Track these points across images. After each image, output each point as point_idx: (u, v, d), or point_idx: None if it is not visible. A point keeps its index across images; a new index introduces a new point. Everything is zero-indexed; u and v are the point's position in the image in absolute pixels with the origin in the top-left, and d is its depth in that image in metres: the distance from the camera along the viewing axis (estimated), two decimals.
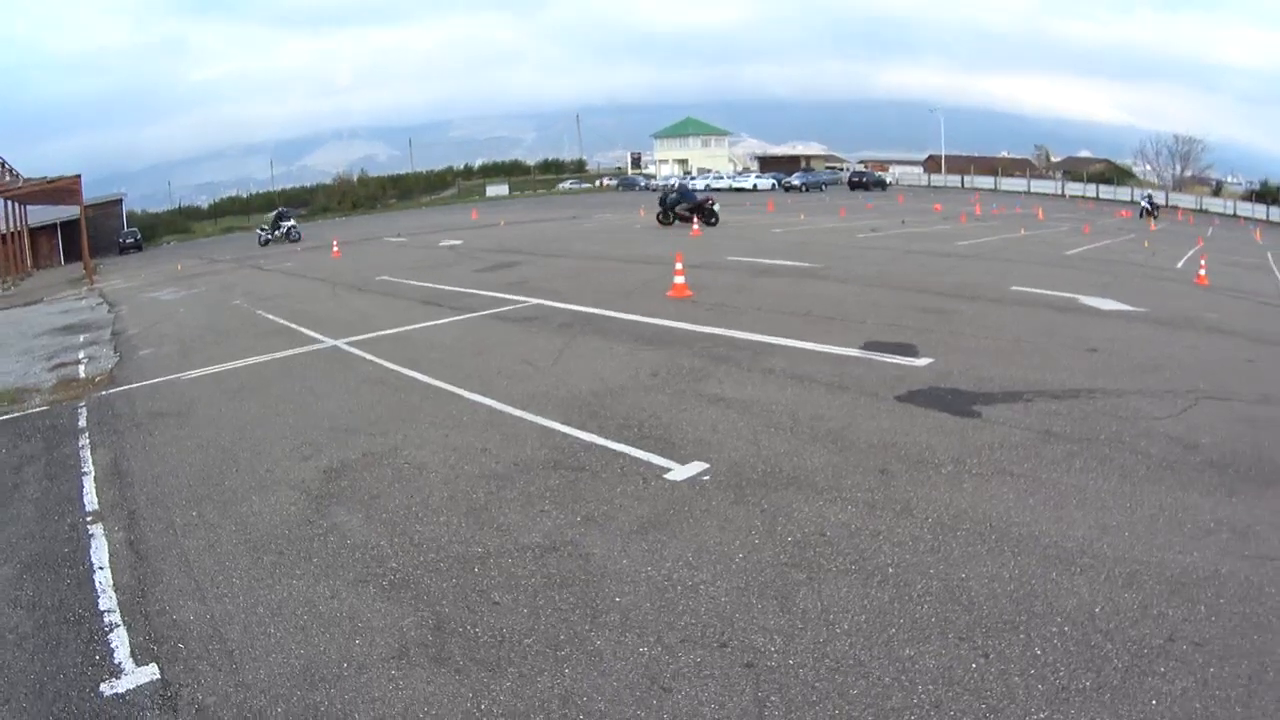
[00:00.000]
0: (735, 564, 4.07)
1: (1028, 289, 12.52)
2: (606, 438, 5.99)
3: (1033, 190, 67.99)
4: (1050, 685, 3.08)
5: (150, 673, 3.45)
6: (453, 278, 16.48)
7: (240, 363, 9.79)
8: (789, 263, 16.15)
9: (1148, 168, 74.62)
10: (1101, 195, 64.30)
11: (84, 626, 3.90)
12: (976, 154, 78.78)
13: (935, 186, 70.59)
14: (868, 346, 8.50)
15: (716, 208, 27.81)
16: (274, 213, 41.15)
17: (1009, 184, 68.79)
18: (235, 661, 3.48)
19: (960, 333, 9.27)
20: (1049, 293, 12.13)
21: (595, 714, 3.02)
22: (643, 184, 75.61)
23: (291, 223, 38.43)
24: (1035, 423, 6.01)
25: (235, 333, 12.23)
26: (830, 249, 19.51)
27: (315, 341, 10.70)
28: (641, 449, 5.72)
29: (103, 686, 3.39)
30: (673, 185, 29.97)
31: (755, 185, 65.81)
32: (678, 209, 27.58)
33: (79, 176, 36.08)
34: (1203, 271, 15.49)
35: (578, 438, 6.05)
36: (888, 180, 71.72)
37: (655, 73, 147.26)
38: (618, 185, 79.78)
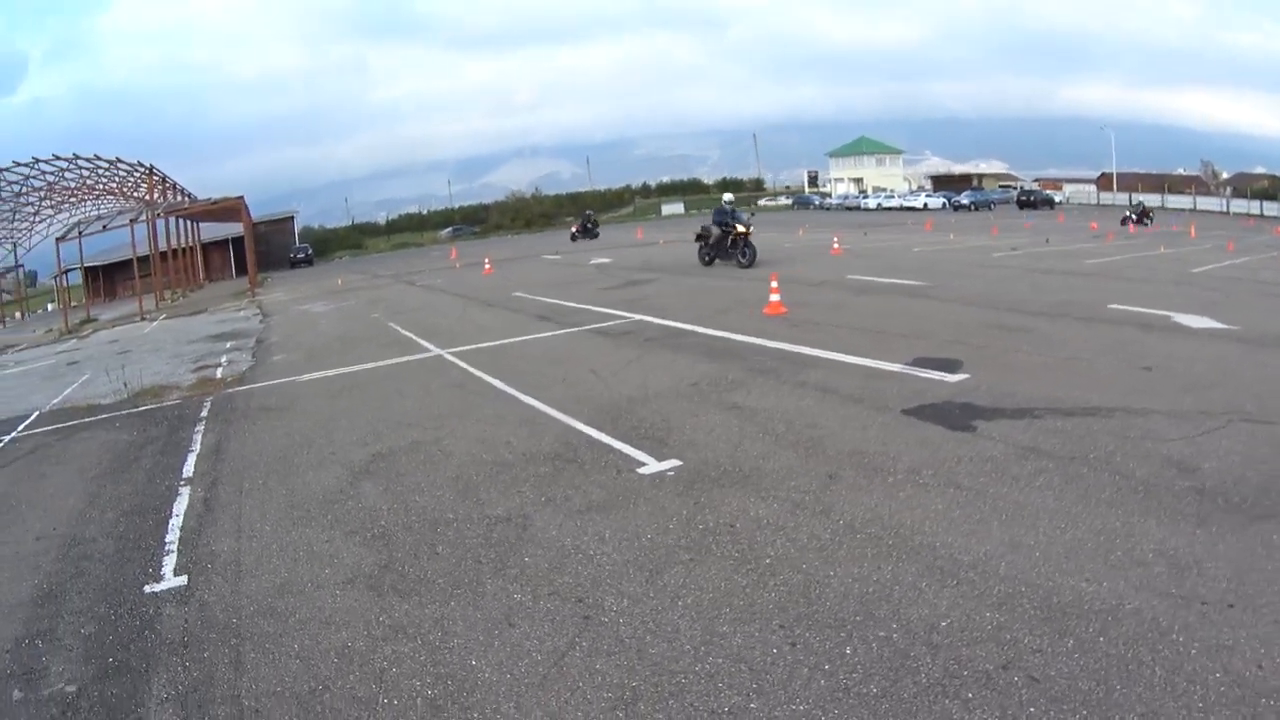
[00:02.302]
0: (638, 543, 4.78)
1: (1125, 307, 12.05)
2: (611, 436, 6.82)
3: (1198, 208, 62.68)
4: (833, 683, 3.27)
5: (181, 581, 4.86)
6: (579, 295, 17.75)
7: (353, 368, 11.55)
8: (902, 281, 16.20)
9: None
10: (1266, 212, 58.47)
11: (149, 552, 5.40)
12: (1153, 170, 73.51)
13: (1105, 205, 66.72)
14: (914, 362, 8.70)
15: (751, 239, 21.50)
16: (583, 215, 48.26)
17: (1175, 201, 63.89)
18: (239, 577, 4.79)
19: (1018, 350, 9.26)
20: (1144, 310, 11.67)
21: (453, 634, 3.93)
22: (817, 202, 75.58)
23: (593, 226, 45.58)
24: (1026, 439, 6.06)
25: (361, 342, 14.19)
26: (953, 268, 19.22)
27: (424, 350, 12.32)
28: (634, 446, 6.49)
29: (147, 587, 4.83)
30: (729, 203, 22.61)
31: (925, 204, 66.26)
32: (730, 236, 21.59)
33: (242, 197, 41.46)
34: None
35: (588, 434, 6.94)
36: (1058, 199, 68.92)
37: (837, 90, 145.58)
38: (792, 204, 79.98)
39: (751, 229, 21.45)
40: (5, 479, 7.77)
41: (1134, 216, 41.59)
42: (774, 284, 13.25)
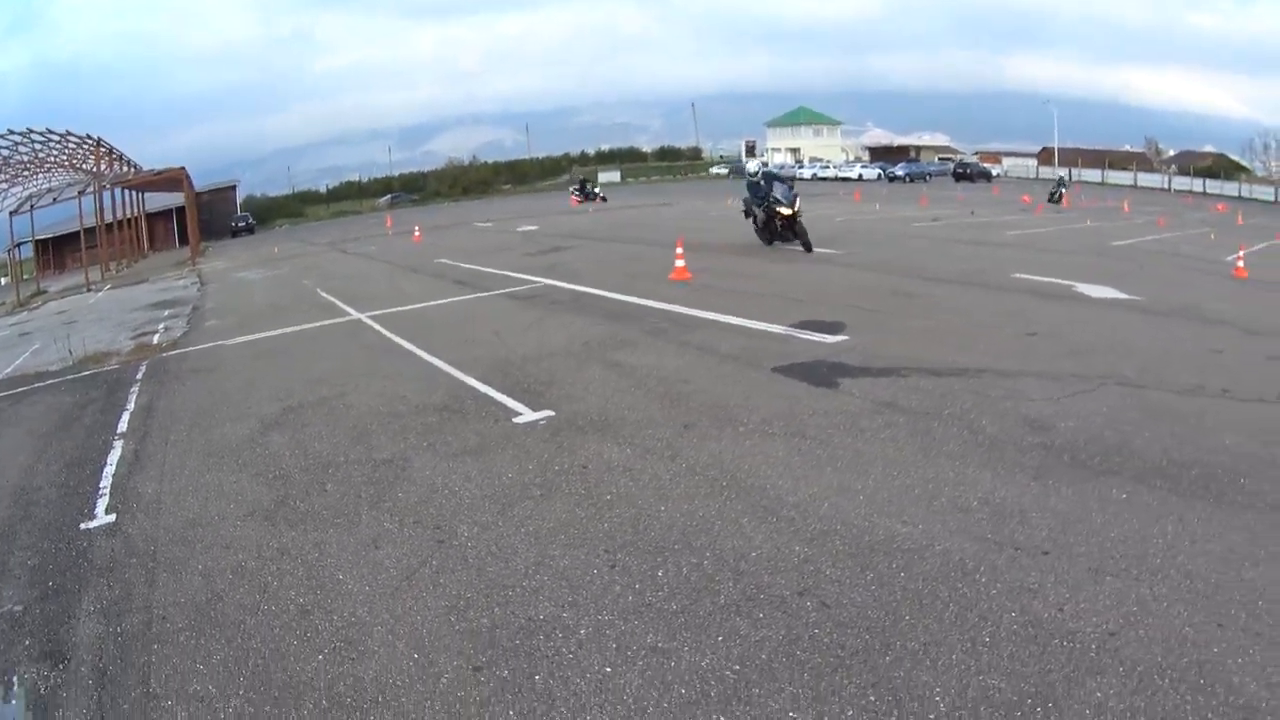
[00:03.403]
0: (500, 481, 5.53)
1: (1031, 276, 12.76)
2: (497, 390, 7.57)
3: (1139, 184, 64.34)
4: (640, 600, 3.76)
5: (110, 519, 5.57)
6: (500, 261, 18.40)
7: (278, 332, 12.24)
8: (816, 249, 16.84)
9: (1257, 163, 69.59)
10: (1208, 190, 60.37)
11: (86, 496, 6.12)
12: (1099, 147, 75.18)
13: (1044, 179, 68.36)
14: (799, 325, 9.25)
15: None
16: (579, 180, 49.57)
17: (1115, 177, 65.65)
18: (159, 514, 5.53)
19: (906, 315, 9.83)
20: (1049, 280, 12.35)
21: (328, 555, 4.70)
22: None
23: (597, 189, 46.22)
24: (886, 396, 6.46)
25: (290, 308, 14.83)
26: (870, 237, 20.05)
27: (346, 315, 13.03)
28: (515, 399, 7.23)
29: (82, 525, 5.54)
30: (757, 173, 17.24)
31: (861, 175, 67.81)
32: (776, 218, 16.77)
33: (183, 168, 42.16)
34: (1241, 263, 14.92)
35: (476, 389, 7.70)
36: (996, 172, 70.48)
37: (784, 61, 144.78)
38: (728, 173, 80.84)
39: (799, 210, 16.61)
40: None
41: (1059, 190, 40.68)
42: (679, 250, 14.00)
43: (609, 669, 3.39)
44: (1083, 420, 5.77)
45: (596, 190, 46.52)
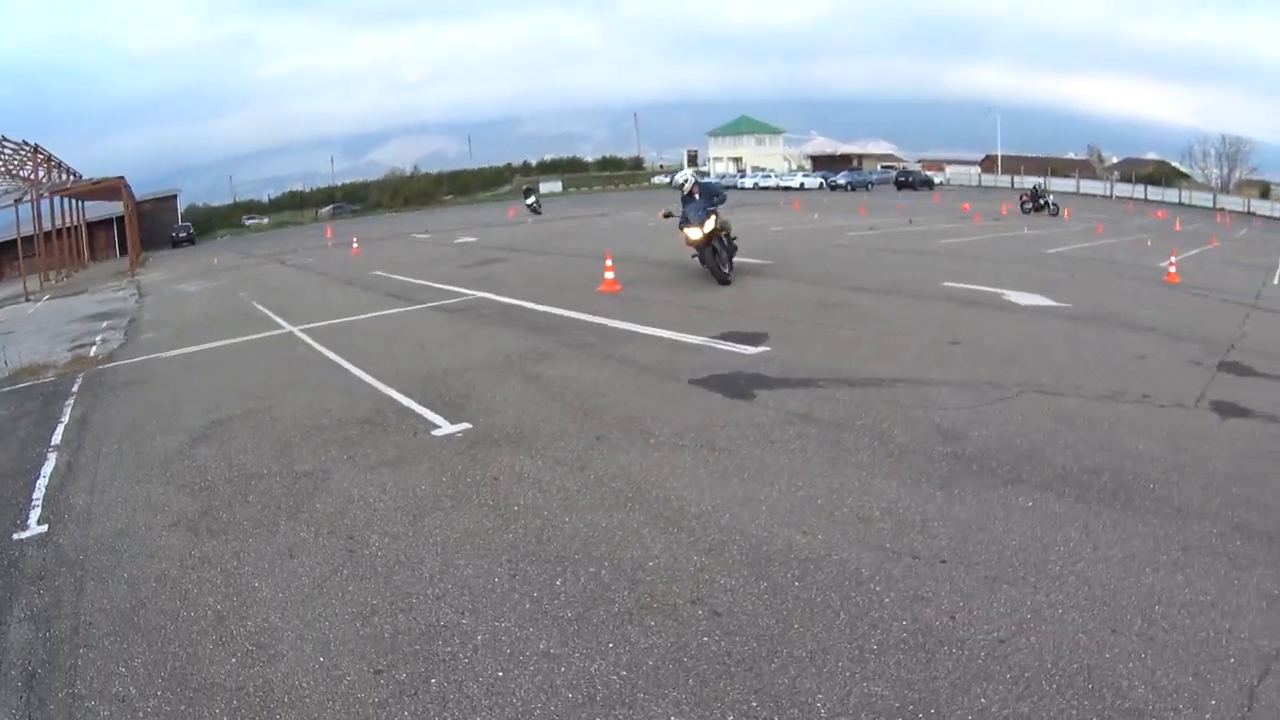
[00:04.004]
0: (413, 492, 5.87)
1: (959, 285, 13.16)
2: (418, 403, 7.91)
3: (1082, 191, 67.44)
4: (537, 607, 4.05)
5: (43, 529, 5.79)
6: (434, 274, 18.67)
7: (211, 344, 12.43)
8: (747, 260, 17.15)
9: (1197, 169, 72.47)
10: (1149, 196, 62.85)
11: (19, 507, 6.30)
12: (1041, 155, 77.50)
13: (986, 187, 70.27)
14: (721, 336, 9.55)
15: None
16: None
17: (1058, 184, 67.32)
18: (89, 524, 5.78)
19: (830, 325, 10.13)
20: (978, 288, 12.72)
21: (246, 564, 5.03)
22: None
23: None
24: (800, 407, 6.63)
25: (224, 321, 15.03)
26: (802, 248, 20.46)
27: (278, 328, 13.28)
28: (434, 412, 7.57)
29: (14, 535, 5.75)
30: (683, 184, 14.30)
31: (803, 184, 68.09)
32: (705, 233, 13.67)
33: (122, 177, 41.80)
34: (1173, 269, 15.42)
35: (398, 402, 8.04)
36: (938, 180, 72.13)
37: (728, 70, 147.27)
38: (669, 183, 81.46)
39: (721, 227, 13.99)
40: None
41: (1034, 201, 39.03)
42: (609, 262, 14.42)
43: (501, 673, 3.63)
44: (995, 428, 5.94)
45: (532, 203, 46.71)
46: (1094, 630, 3.48)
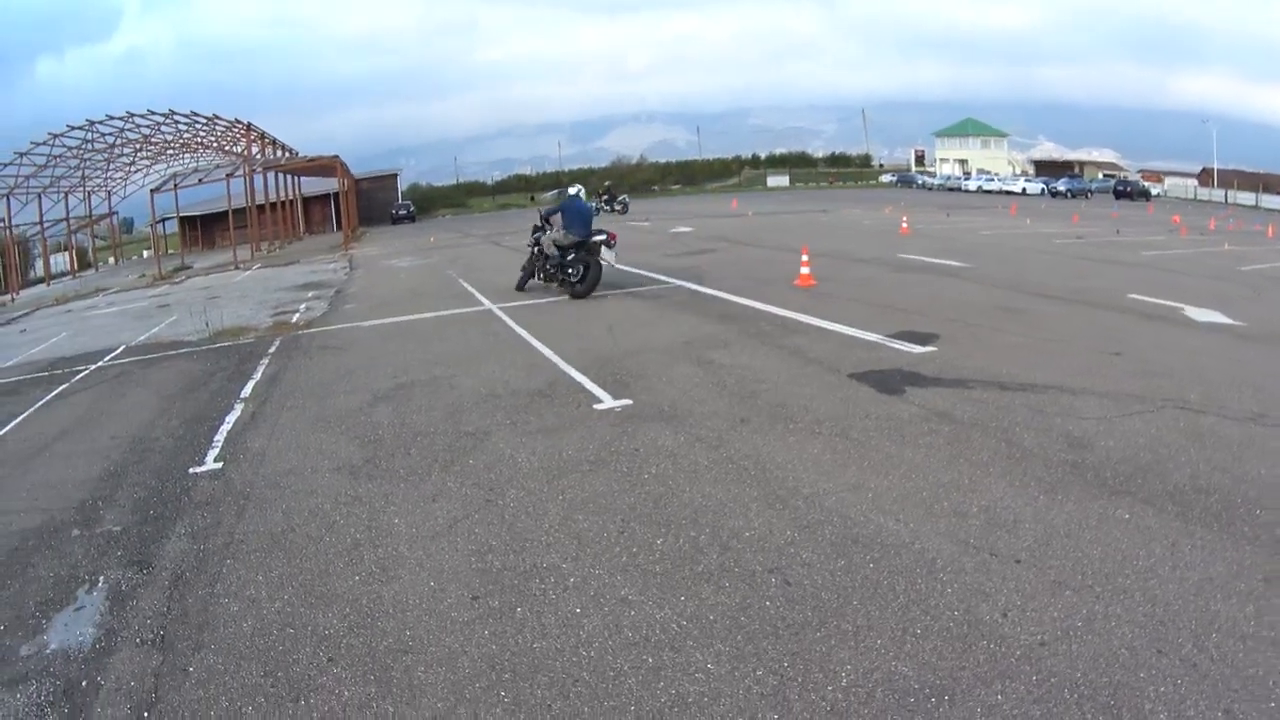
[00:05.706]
0: (559, 456, 6.06)
1: (1143, 297, 12.16)
2: (590, 379, 8.12)
3: None
4: (632, 560, 4.31)
5: (218, 465, 6.57)
6: (640, 261, 18.71)
7: (411, 317, 13.31)
8: (945, 262, 16.50)
9: None
10: None
11: (199, 447, 7.16)
12: (1260, 170, 68.59)
13: (1200, 200, 63.08)
14: (895, 335, 9.31)
15: (608, 252, 13.77)
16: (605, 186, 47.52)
17: (1269, 201, 59.54)
18: (261, 464, 6.45)
19: (1002, 329, 9.70)
20: (1159, 301, 11.81)
21: (392, 504, 5.40)
22: (920, 182, 75.02)
23: (623, 198, 44.79)
24: (943, 405, 6.54)
25: (428, 295, 15.99)
26: (1003, 252, 19.30)
27: (479, 305, 13.94)
28: (602, 388, 7.74)
29: (191, 469, 6.56)
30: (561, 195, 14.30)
31: (1024, 189, 65.78)
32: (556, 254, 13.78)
33: (337, 156, 44.29)
34: None
35: (572, 378, 8.27)
36: (1156, 191, 66.34)
37: (953, 70, 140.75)
38: (895, 182, 79.19)
39: (599, 240, 13.52)
40: (91, 397, 9.91)
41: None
42: (805, 258, 14.13)
43: (578, 610, 3.92)
44: (1123, 440, 5.72)
45: (621, 200, 44.51)
46: (1139, 648, 3.33)
